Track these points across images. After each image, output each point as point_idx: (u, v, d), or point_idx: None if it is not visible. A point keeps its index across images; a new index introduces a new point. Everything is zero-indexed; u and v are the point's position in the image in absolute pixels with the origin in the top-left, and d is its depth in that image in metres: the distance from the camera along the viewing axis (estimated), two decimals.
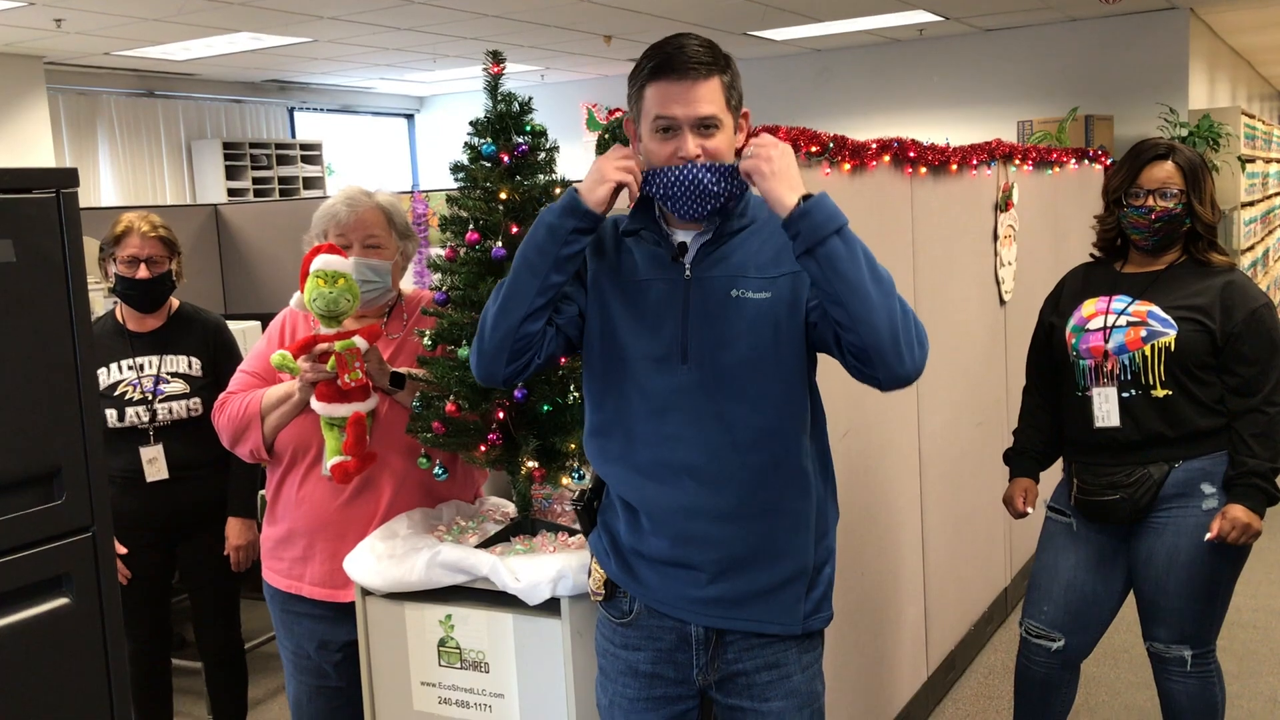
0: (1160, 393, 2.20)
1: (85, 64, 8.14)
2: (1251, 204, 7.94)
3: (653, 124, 1.53)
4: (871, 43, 8.75)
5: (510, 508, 2.11)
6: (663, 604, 1.62)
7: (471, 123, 1.93)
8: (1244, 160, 7.59)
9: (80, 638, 1.28)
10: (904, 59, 8.79)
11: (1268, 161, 9.05)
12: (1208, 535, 2.16)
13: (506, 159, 1.89)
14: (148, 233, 2.56)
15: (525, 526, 1.99)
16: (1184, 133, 7.33)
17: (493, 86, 1.92)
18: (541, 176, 1.93)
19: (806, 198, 1.46)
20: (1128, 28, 7.85)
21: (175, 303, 2.69)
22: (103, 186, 8.69)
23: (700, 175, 1.51)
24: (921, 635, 2.98)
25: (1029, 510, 2.44)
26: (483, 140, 1.91)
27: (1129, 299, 2.26)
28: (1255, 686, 3.18)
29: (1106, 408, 2.24)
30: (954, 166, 3.07)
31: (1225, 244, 6.40)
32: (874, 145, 2.60)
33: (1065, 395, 2.34)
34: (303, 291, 1.98)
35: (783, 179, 1.47)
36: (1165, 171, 2.23)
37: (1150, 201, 2.23)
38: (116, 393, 2.56)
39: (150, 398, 2.57)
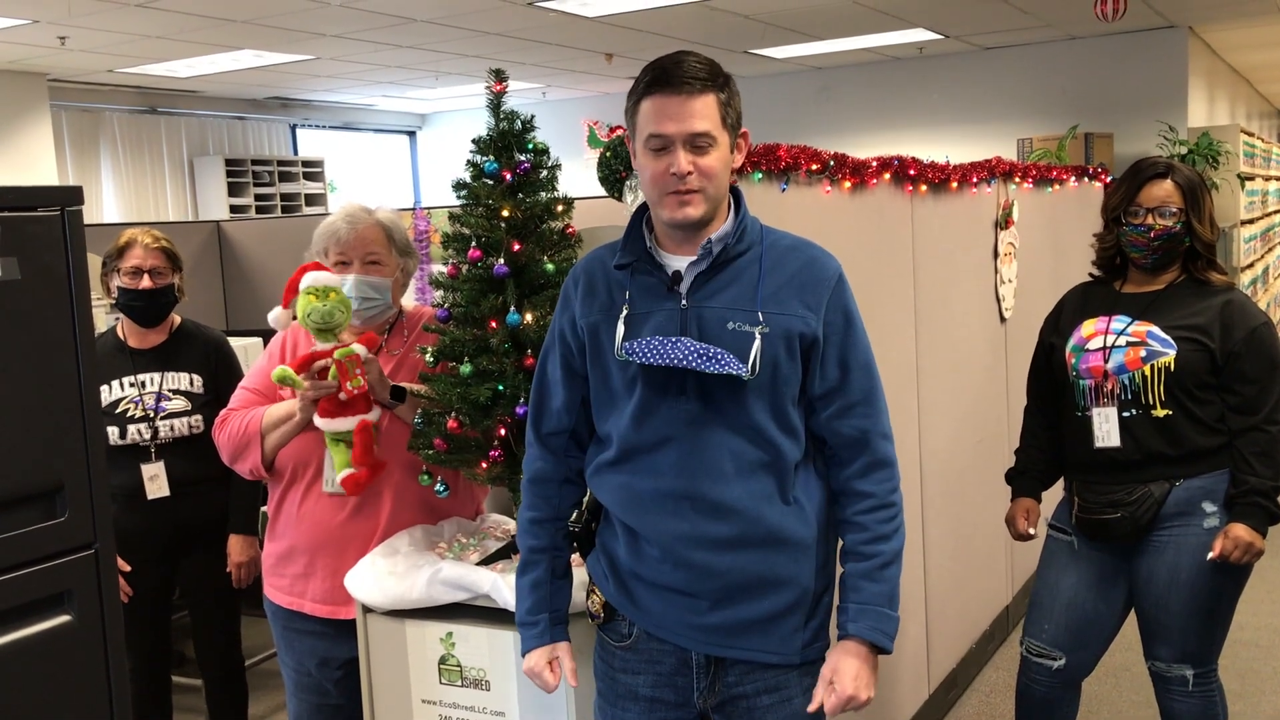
0: (1160, 412, 2.20)
1: (88, 81, 8.18)
2: (1251, 221, 7.96)
3: (646, 142, 1.53)
4: (871, 61, 8.80)
5: (511, 525, 2.11)
6: (662, 629, 1.61)
7: (474, 140, 1.94)
8: (1243, 178, 7.61)
9: (82, 654, 1.28)
10: (904, 77, 8.84)
11: (1267, 179, 9.08)
12: (1210, 555, 2.15)
13: (509, 176, 1.90)
14: (150, 244, 2.58)
15: None
16: (1183, 150, 7.36)
17: (495, 104, 1.92)
18: (543, 194, 1.94)
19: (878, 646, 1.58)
20: (1127, 45, 7.90)
21: (177, 319, 2.70)
22: (105, 203, 8.72)
23: (688, 356, 1.51)
24: (923, 653, 2.97)
25: (1032, 532, 2.43)
26: (485, 158, 1.92)
27: (1128, 319, 2.26)
28: (1258, 706, 3.16)
29: (1106, 428, 2.24)
30: (954, 184, 3.08)
31: (1225, 262, 6.35)
32: (874, 163, 2.61)
33: (1066, 415, 2.35)
34: (286, 307, 1.98)
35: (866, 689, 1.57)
36: (1164, 190, 2.24)
37: (1150, 220, 2.24)
38: (118, 410, 2.56)
39: (152, 415, 2.57)
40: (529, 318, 1.88)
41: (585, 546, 1.70)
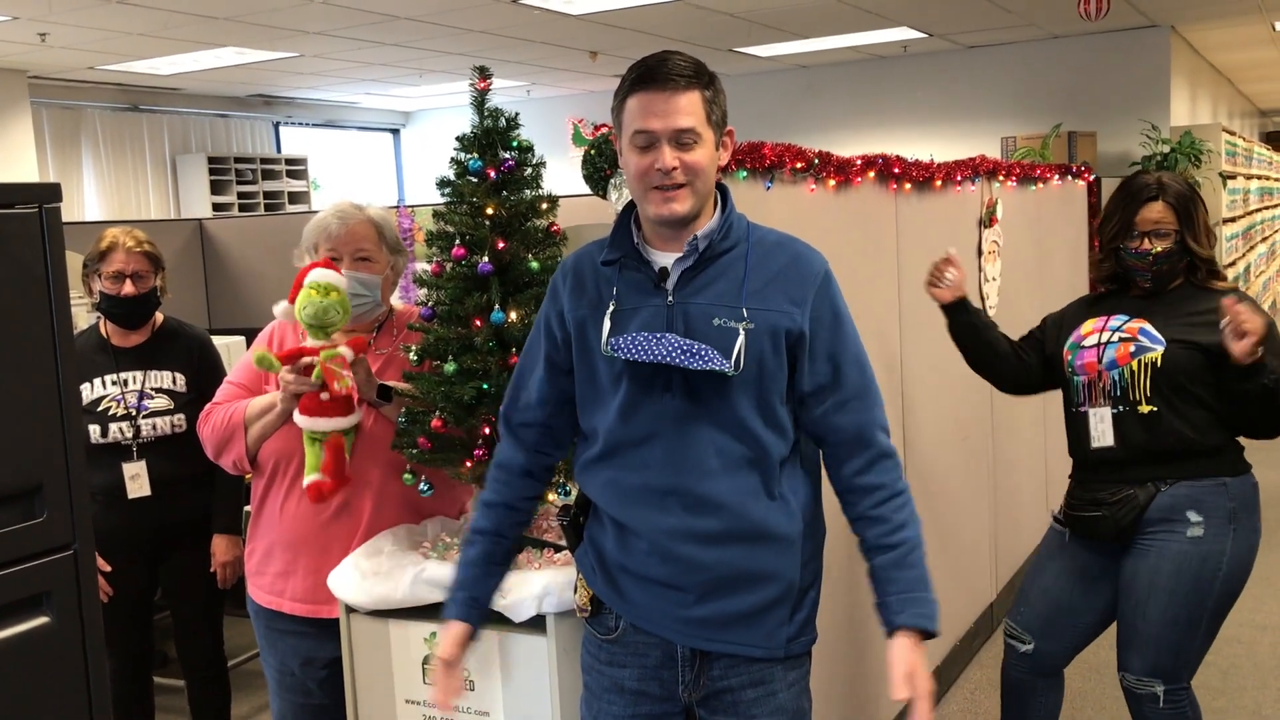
0: (1145, 408, 2.20)
1: (69, 78, 8.12)
2: (1233, 220, 8.03)
3: (631, 138, 1.53)
4: (857, 59, 8.83)
5: None
6: (648, 622, 1.62)
7: (458, 138, 1.93)
8: (1225, 176, 7.69)
9: (61, 657, 1.27)
10: (889, 75, 8.87)
11: (1248, 178, 9.17)
12: (1224, 324, 2.02)
13: (493, 174, 1.89)
14: (132, 248, 2.55)
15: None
16: (1165, 149, 7.42)
17: (479, 102, 1.91)
18: (528, 192, 1.93)
19: None
20: (1110, 45, 7.96)
21: (160, 317, 2.68)
22: (87, 201, 8.65)
23: (673, 353, 1.51)
24: None
25: (950, 275, 2.47)
26: (469, 155, 1.91)
27: (1126, 317, 2.27)
28: (1239, 701, 3.19)
29: (1101, 428, 2.25)
30: (938, 183, 3.09)
31: None
32: (859, 161, 2.61)
33: (1065, 411, 2.37)
34: (292, 302, 1.97)
35: None
36: (1157, 212, 2.23)
37: (1146, 244, 2.24)
38: (100, 408, 2.54)
39: (134, 413, 2.56)
40: (513, 316, 1.87)
41: (573, 540, 1.70)
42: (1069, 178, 4.44)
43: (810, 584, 1.65)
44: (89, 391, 2.54)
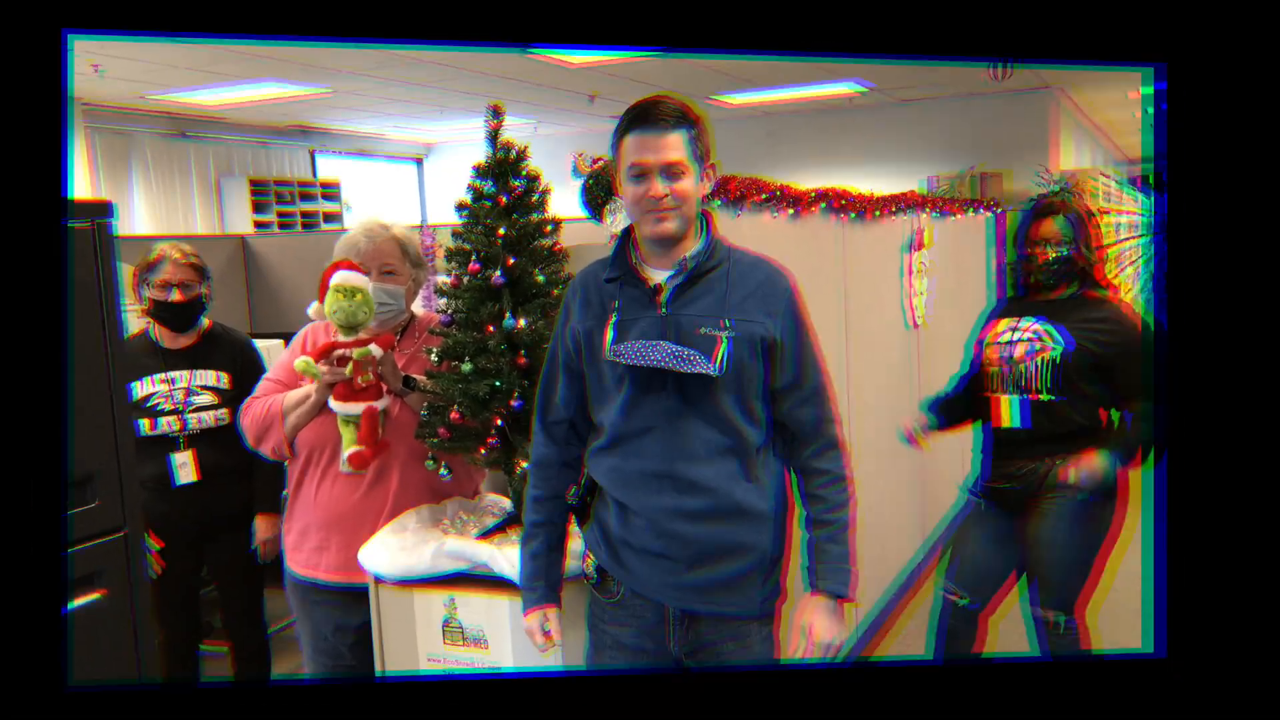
0: (1045, 397, 2.29)
1: (121, 106, 7.84)
2: (1103, 248, 8.19)
3: (628, 170, 1.54)
4: (811, 109, 8.87)
5: (507, 503, 2.04)
6: (645, 589, 1.60)
7: (474, 167, 1.88)
8: (1099, 212, 7.82)
9: (114, 628, 1.20)
10: (837, 124, 8.99)
11: (1119, 212, 9.31)
12: None
13: (505, 199, 1.84)
14: (180, 260, 2.43)
15: (519, 520, 1.91)
16: (1055, 189, 7.52)
17: (493, 136, 1.87)
18: (535, 215, 1.88)
19: None
20: (1012, 101, 8.14)
21: (208, 323, 2.55)
22: (137, 219, 8.36)
23: (664, 358, 1.50)
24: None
25: (916, 429, 2.48)
26: (484, 182, 1.86)
27: (1033, 319, 2.37)
28: (1115, 640, 3.17)
29: (1011, 413, 2.34)
30: (876, 214, 3.07)
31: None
32: (811, 194, 2.60)
33: (976, 397, 2.44)
34: (321, 303, 1.92)
35: None
36: (1048, 228, 2.36)
37: (1037, 251, 2.37)
38: (150, 404, 2.41)
39: (182, 409, 2.43)
40: (522, 322, 1.84)
41: (583, 519, 1.69)
42: (980, 211, 4.50)
43: (780, 553, 1.65)
44: (140, 388, 2.41)
